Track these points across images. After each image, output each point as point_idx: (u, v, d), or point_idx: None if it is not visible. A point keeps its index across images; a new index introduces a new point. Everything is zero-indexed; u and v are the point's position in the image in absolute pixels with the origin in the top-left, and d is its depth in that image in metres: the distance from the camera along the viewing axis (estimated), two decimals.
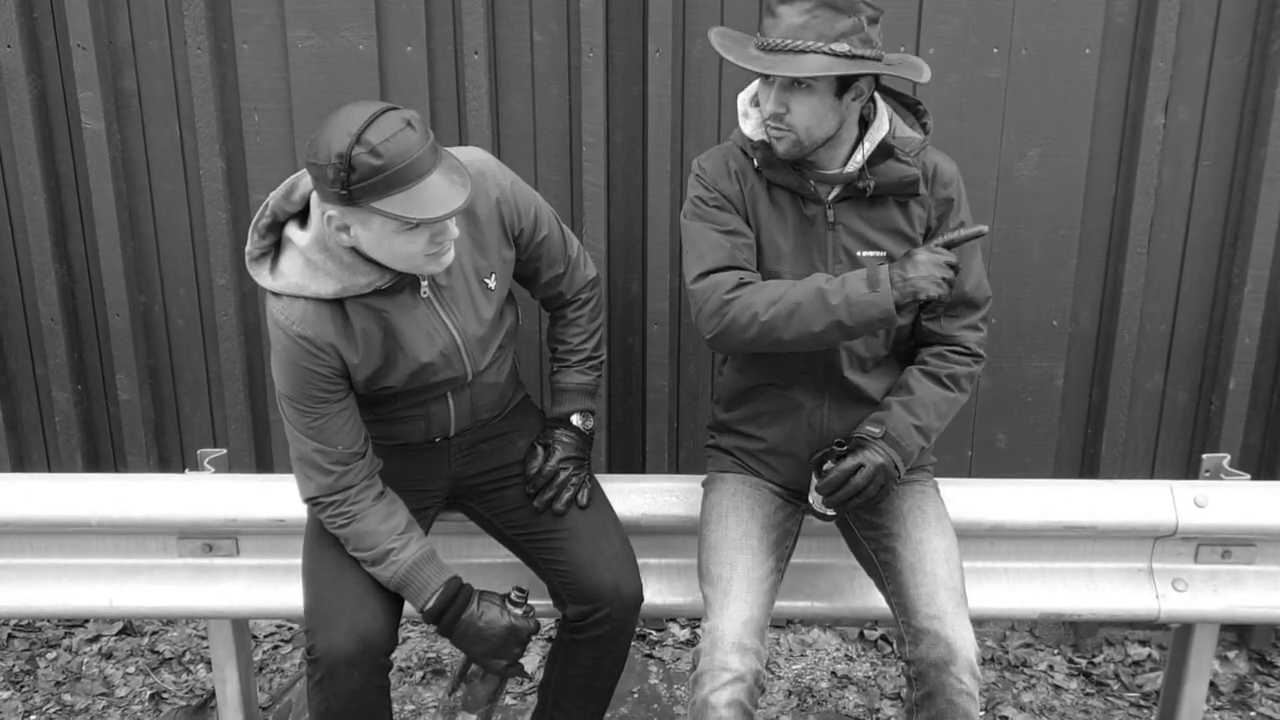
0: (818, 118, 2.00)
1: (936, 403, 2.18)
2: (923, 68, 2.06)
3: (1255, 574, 2.55)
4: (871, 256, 2.14)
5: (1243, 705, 3.02)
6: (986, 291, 2.24)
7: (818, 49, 1.91)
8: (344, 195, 1.79)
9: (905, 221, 2.15)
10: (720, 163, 2.18)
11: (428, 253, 1.89)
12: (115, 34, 2.87)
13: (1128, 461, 3.11)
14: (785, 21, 1.93)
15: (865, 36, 1.94)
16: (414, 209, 1.79)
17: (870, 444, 2.13)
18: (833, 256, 2.15)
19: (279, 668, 3.19)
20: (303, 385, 2.01)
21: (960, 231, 2.05)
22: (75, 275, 3.09)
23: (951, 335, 2.22)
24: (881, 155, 2.09)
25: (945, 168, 2.16)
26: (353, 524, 2.10)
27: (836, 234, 2.14)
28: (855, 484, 2.09)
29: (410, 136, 1.79)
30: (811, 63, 1.91)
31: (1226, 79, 2.81)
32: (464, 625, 2.12)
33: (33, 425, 3.24)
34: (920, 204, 2.15)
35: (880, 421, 2.16)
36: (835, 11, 1.91)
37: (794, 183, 2.13)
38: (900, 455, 2.13)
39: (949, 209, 2.16)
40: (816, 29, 1.91)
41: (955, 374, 2.20)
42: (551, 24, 2.83)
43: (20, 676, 3.12)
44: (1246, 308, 2.91)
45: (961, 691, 2.00)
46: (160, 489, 2.52)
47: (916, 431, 2.15)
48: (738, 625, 2.04)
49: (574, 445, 2.32)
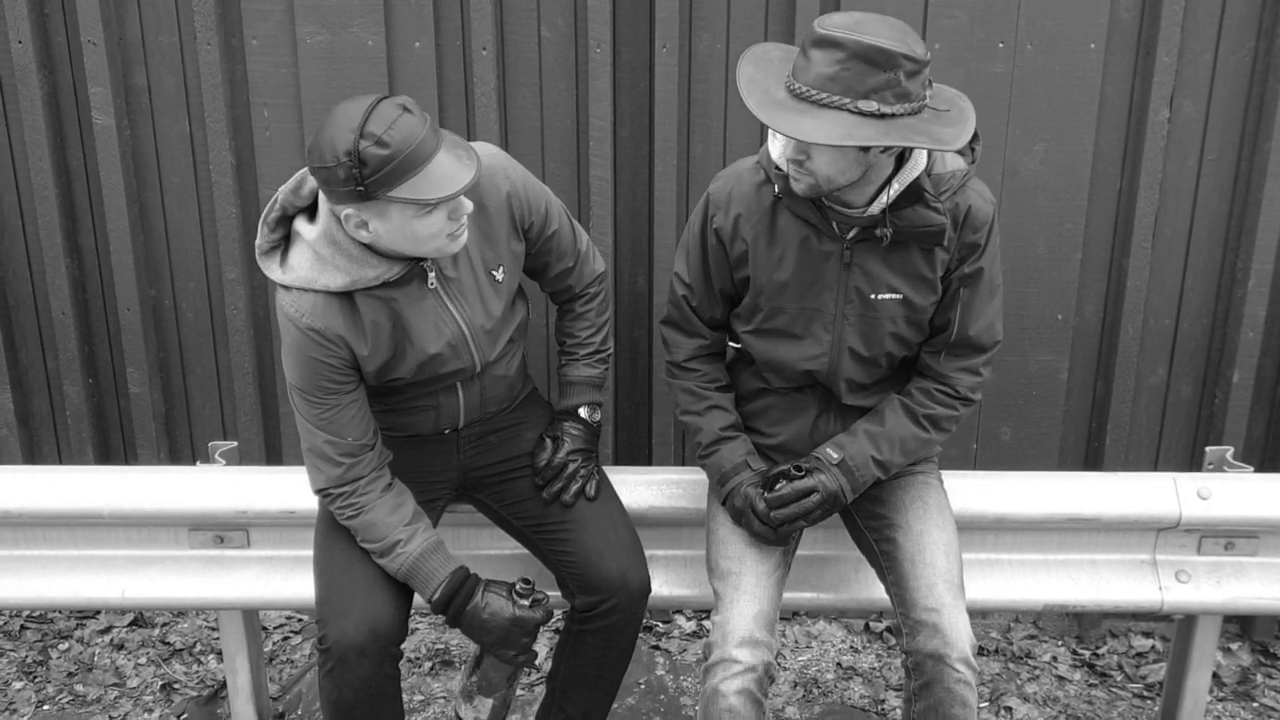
0: (839, 169, 1.89)
1: (905, 439, 2.17)
2: (964, 120, 1.86)
3: (1258, 565, 2.56)
4: (884, 297, 2.09)
5: (1245, 696, 3.04)
6: (995, 336, 2.18)
7: (841, 105, 1.77)
8: (359, 192, 1.80)
9: (926, 265, 2.06)
10: (730, 186, 2.13)
11: (448, 232, 1.92)
12: (125, 30, 2.89)
13: (1132, 455, 3.12)
14: (815, 70, 1.78)
15: (901, 90, 1.77)
16: (429, 190, 1.81)
17: (825, 469, 2.14)
18: (843, 297, 2.10)
19: (289, 659, 3.21)
20: (313, 377, 2.03)
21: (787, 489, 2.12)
22: (86, 269, 3.11)
23: (945, 375, 2.18)
24: (909, 199, 1.96)
25: (979, 210, 2.03)
26: (361, 515, 2.12)
27: (851, 274, 2.08)
28: (805, 505, 2.11)
29: (410, 120, 1.81)
30: (828, 124, 1.77)
31: (1231, 74, 2.82)
32: (470, 615, 2.14)
33: (44, 419, 3.27)
34: (945, 249, 2.05)
35: (841, 446, 2.16)
36: (868, 65, 1.75)
37: (814, 217, 2.04)
38: (851, 484, 2.15)
39: (973, 254, 2.07)
40: (845, 82, 1.76)
41: (935, 416, 2.17)
42: (559, 20, 2.84)
43: (33, 667, 3.15)
44: (1250, 301, 2.92)
45: (959, 680, 2.02)
46: (172, 481, 2.54)
47: (874, 464, 2.15)
48: (748, 619, 2.07)
49: (582, 437, 2.34)
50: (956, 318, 2.12)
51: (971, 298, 2.11)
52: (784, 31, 2.80)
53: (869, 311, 2.11)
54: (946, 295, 2.11)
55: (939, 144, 1.81)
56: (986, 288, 2.12)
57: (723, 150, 2.91)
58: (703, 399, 2.28)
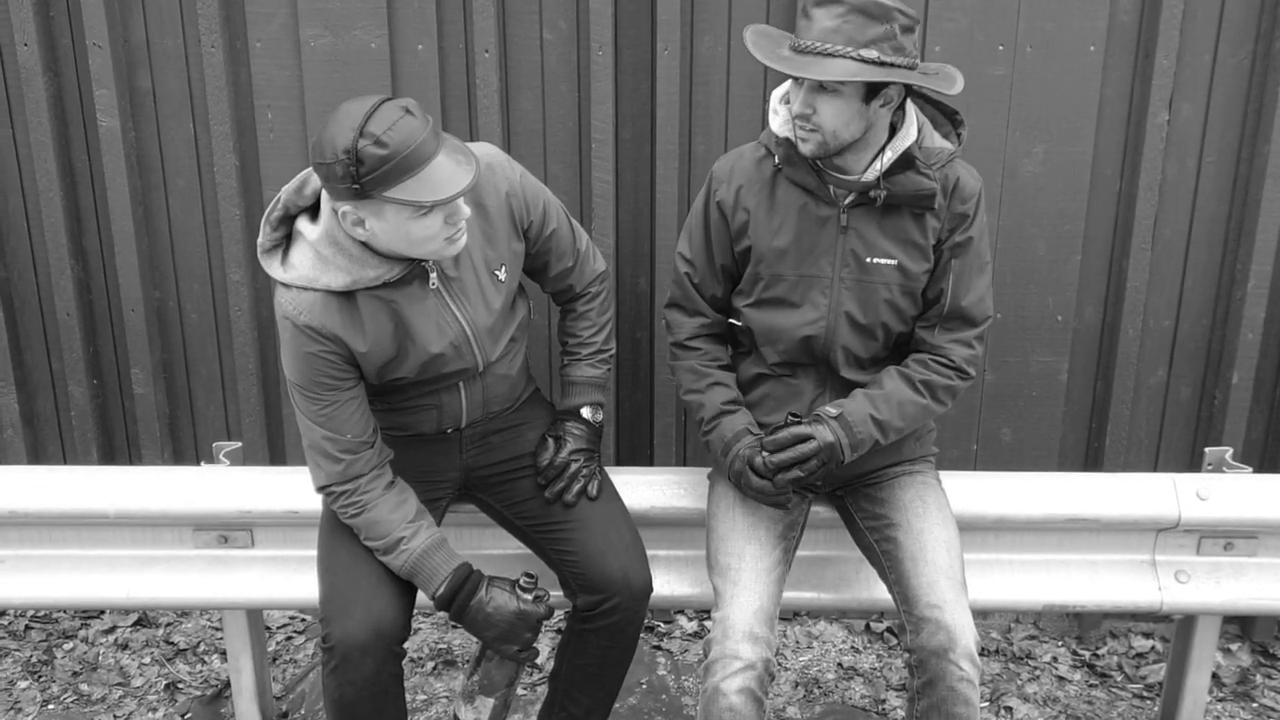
0: (844, 120, 2.01)
1: (902, 402, 2.19)
2: (955, 79, 2.04)
3: (1257, 566, 2.57)
4: (878, 264, 2.17)
5: (1245, 697, 3.05)
6: (986, 311, 2.24)
7: (846, 54, 1.92)
8: (356, 189, 1.82)
9: (919, 232, 2.16)
10: (732, 161, 2.26)
11: (444, 235, 1.93)
12: (130, 33, 2.91)
13: (1131, 455, 3.13)
14: (818, 25, 1.94)
15: (897, 44, 1.94)
16: (425, 192, 1.83)
17: (825, 420, 2.16)
18: (840, 260, 2.17)
19: (292, 658, 3.23)
20: (311, 373, 2.05)
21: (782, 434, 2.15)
22: (90, 271, 3.13)
23: (939, 346, 2.23)
24: (902, 165, 2.09)
25: (967, 183, 2.15)
26: (364, 513, 2.13)
27: (848, 238, 2.16)
28: (802, 451, 2.13)
29: (411, 122, 1.82)
30: (839, 67, 1.92)
31: (1230, 75, 2.83)
32: (473, 611, 2.15)
33: (48, 419, 3.28)
34: (935, 216, 2.15)
35: (840, 404, 2.20)
36: (867, 18, 1.92)
37: (811, 183, 2.15)
38: (850, 440, 2.16)
39: (962, 224, 2.16)
40: (847, 34, 1.92)
41: (931, 381, 2.20)
42: (561, 22, 2.86)
43: (38, 666, 3.17)
44: (1249, 303, 2.93)
45: (961, 678, 2.03)
46: (176, 481, 2.56)
47: (873, 422, 2.17)
48: (748, 615, 2.08)
49: (584, 437, 2.35)
50: (949, 288, 2.19)
51: (962, 269, 2.18)
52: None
53: (865, 276, 2.17)
54: (939, 265, 2.19)
55: (938, 89, 1.99)
56: (976, 260, 2.19)
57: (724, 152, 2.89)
58: (705, 376, 2.31)
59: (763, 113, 2.88)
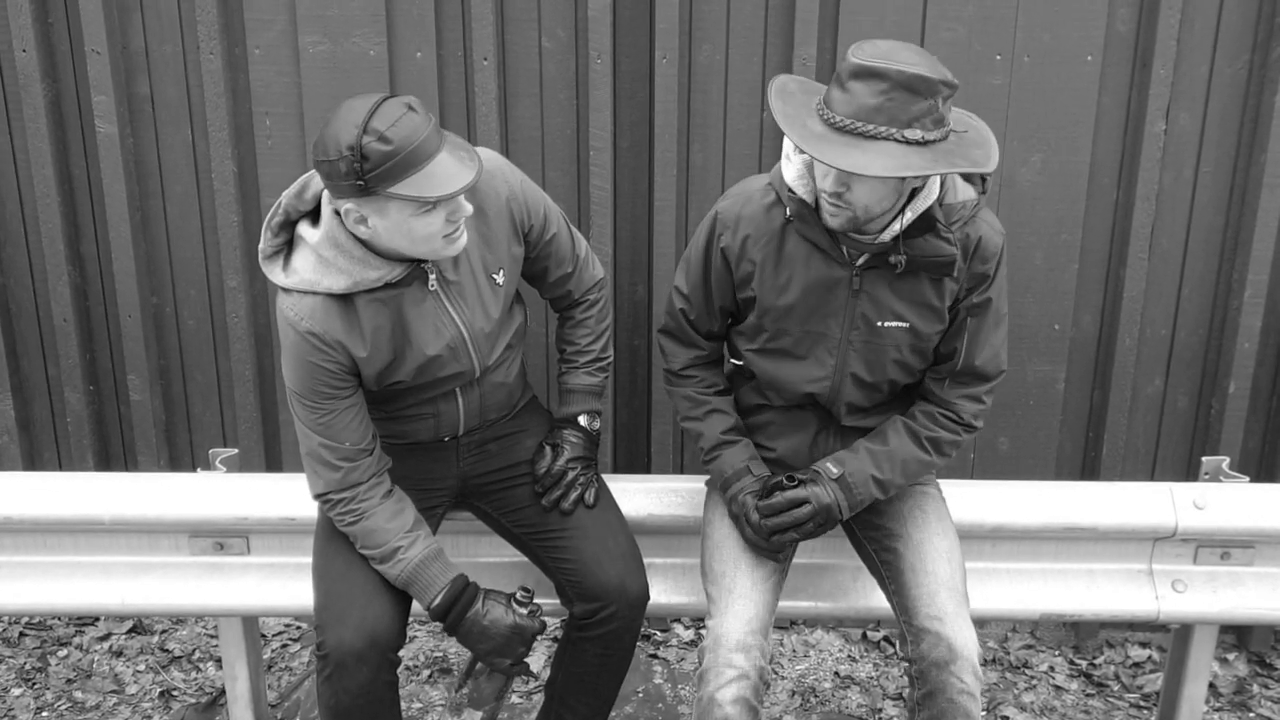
0: (878, 198, 1.89)
1: (906, 461, 2.17)
2: (990, 149, 1.87)
3: (1254, 575, 2.57)
4: (890, 327, 2.10)
5: (1242, 706, 3.04)
6: (1000, 366, 2.17)
7: (888, 135, 1.76)
8: (359, 186, 1.82)
9: (935, 295, 2.06)
10: (740, 206, 2.12)
11: (445, 233, 1.93)
12: (129, 39, 2.91)
13: (1128, 464, 3.13)
14: (857, 100, 1.77)
15: (938, 116, 1.79)
16: (429, 188, 1.83)
17: (823, 482, 2.13)
18: (849, 323, 2.10)
19: (287, 666, 3.22)
20: (311, 381, 2.05)
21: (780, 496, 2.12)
22: (88, 277, 3.13)
23: (949, 401, 2.18)
24: (921, 227, 1.96)
25: (990, 241, 2.03)
26: (361, 521, 2.13)
27: (859, 301, 2.08)
28: (796, 515, 2.11)
29: (414, 119, 1.83)
30: (881, 155, 1.76)
31: (1227, 85, 2.84)
32: (469, 623, 2.14)
33: (45, 425, 3.28)
34: (954, 279, 2.05)
35: (841, 462, 2.16)
36: (911, 94, 1.75)
37: (824, 242, 2.04)
38: (849, 501, 2.14)
39: (981, 284, 2.07)
40: (890, 113, 1.75)
41: (938, 439, 2.18)
42: (560, 30, 2.86)
43: (32, 674, 3.16)
44: (1246, 312, 2.93)
45: (962, 691, 2.02)
46: (172, 488, 2.55)
47: (874, 483, 2.15)
48: (741, 623, 2.07)
49: (582, 445, 2.35)
50: (963, 347, 2.13)
51: (978, 327, 2.11)
52: (783, 43, 2.83)
53: (874, 338, 2.11)
54: (953, 324, 2.12)
55: (977, 166, 1.82)
56: (993, 318, 2.12)
57: (722, 160, 2.93)
58: (702, 404, 2.29)
59: (760, 120, 2.89)
